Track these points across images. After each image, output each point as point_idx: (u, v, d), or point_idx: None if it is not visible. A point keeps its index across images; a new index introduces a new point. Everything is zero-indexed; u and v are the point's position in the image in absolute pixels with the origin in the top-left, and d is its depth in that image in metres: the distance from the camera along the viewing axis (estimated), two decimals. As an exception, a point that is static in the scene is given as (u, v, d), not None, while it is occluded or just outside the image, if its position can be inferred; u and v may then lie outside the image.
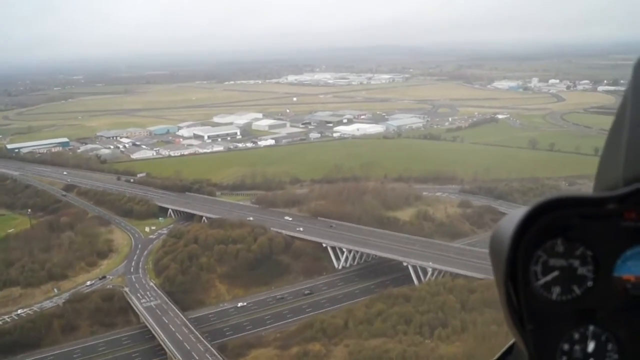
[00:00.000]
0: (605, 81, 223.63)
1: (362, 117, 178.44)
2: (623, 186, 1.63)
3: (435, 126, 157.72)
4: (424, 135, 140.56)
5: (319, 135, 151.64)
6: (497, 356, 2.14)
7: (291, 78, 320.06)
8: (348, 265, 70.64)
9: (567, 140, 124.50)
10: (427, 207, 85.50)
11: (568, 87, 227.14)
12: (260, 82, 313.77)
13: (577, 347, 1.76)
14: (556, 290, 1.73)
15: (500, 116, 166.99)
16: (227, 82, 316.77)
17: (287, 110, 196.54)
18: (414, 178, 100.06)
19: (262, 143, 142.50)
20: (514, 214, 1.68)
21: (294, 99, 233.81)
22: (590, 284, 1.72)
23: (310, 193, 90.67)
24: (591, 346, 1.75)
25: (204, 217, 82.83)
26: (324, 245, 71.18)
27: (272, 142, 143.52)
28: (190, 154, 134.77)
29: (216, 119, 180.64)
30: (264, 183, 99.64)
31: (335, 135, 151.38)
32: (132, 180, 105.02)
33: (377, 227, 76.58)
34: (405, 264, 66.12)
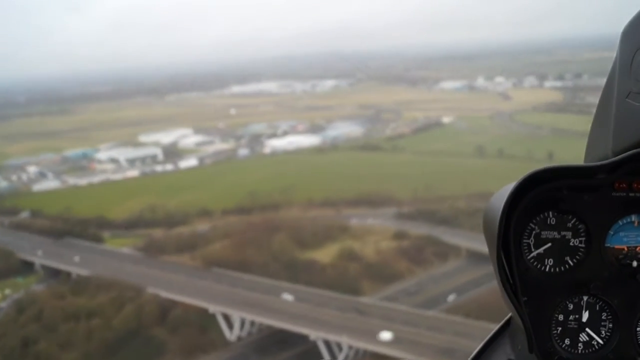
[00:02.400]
0: (551, 77, 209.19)
1: (300, 127, 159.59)
2: (612, 157, 1.59)
3: (375, 134, 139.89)
4: (362, 146, 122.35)
5: (248, 151, 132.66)
6: (494, 331, 2.15)
7: (235, 89, 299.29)
8: (245, 334, 51.65)
9: (518, 144, 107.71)
10: (355, 241, 67.01)
11: (514, 85, 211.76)
12: (203, 94, 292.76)
13: (571, 318, 1.78)
14: (549, 262, 1.74)
15: (445, 119, 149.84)
16: (168, 96, 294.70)
17: (220, 125, 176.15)
18: (343, 201, 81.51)
19: (183, 164, 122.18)
20: (506, 188, 1.65)
21: (232, 111, 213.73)
22: (582, 255, 1.73)
23: (212, 231, 71.02)
24: (585, 316, 1.77)
25: (73, 274, 63.03)
26: (211, 311, 52.12)
27: (195, 162, 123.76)
28: (100, 182, 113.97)
29: (142, 138, 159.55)
30: (166, 219, 80.00)
31: (266, 150, 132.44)
32: (5, 223, 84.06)
33: (287, 277, 57.85)
34: (312, 337, 47.59)
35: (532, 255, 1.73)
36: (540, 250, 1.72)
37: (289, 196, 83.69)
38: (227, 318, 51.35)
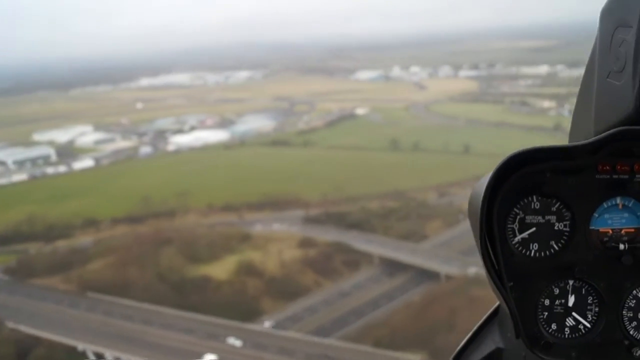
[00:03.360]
0: (465, 66, 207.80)
1: (209, 122, 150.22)
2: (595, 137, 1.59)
3: (288, 128, 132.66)
4: (272, 141, 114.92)
5: (150, 149, 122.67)
6: (483, 318, 2.14)
7: (144, 81, 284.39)
8: (122, 375, 43.67)
9: (433, 135, 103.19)
10: (256, 252, 59.64)
11: (430, 75, 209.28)
12: (110, 88, 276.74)
13: (557, 302, 1.77)
14: (534, 246, 1.71)
15: (359, 111, 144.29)
16: (73, 90, 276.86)
17: (123, 120, 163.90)
18: (246, 205, 73.93)
19: (77, 165, 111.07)
20: (490, 174, 1.64)
21: (139, 105, 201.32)
22: (567, 239, 1.72)
23: (94, 246, 61.84)
24: (571, 300, 1.76)
25: None
26: (80, 349, 43.62)
27: (91, 162, 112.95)
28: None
29: (36, 137, 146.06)
30: (45, 231, 70.07)
31: (170, 148, 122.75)
32: None
33: (174, 300, 50.09)
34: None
35: (516, 240, 1.70)
36: (525, 234, 1.69)
37: (187, 201, 75.49)
38: (99, 357, 43.01)
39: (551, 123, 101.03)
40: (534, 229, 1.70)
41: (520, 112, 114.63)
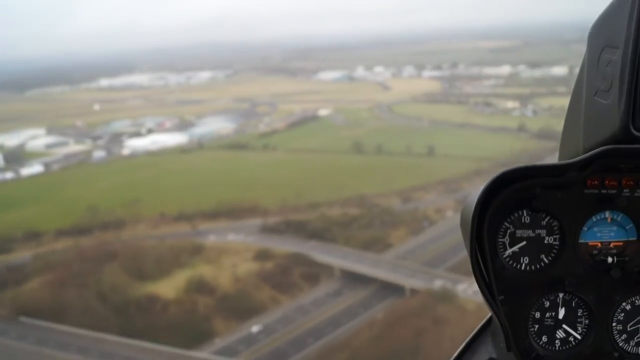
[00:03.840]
0: (428, 67, 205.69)
1: (167, 124, 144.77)
2: (583, 154, 1.62)
3: (248, 130, 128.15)
4: (231, 145, 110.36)
5: (104, 153, 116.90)
6: (475, 330, 2.15)
7: (104, 82, 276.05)
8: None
9: (397, 137, 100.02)
10: (209, 266, 55.44)
11: (393, 75, 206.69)
12: (68, 88, 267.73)
13: (548, 315, 1.79)
14: (524, 260, 1.73)
15: (322, 112, 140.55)
16: (30, 92, 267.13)
17: (78, 123, 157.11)
18: (201, 214, 69.49)
19: (25, 171, 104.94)
20: (481, 188, 1.66)
21: (96, 106, 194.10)
22: (557, 252, 1.73)
23: (33, 262, 56.56)
24: (562, 313, 1.78)
25: None
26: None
27: (41, 168, 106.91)
28: None
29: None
30: (-18, 244, 64.79)
31: (125, 152, 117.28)
32: None
33: (116, 324, 45.68)
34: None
35: (507, 254, 1.72)
36: (515, 248, 1.72)
37: (139, 209, 70.83)
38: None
39: (515, 124, 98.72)
40: (524, 242, 1.71)
41: (484, 112, 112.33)
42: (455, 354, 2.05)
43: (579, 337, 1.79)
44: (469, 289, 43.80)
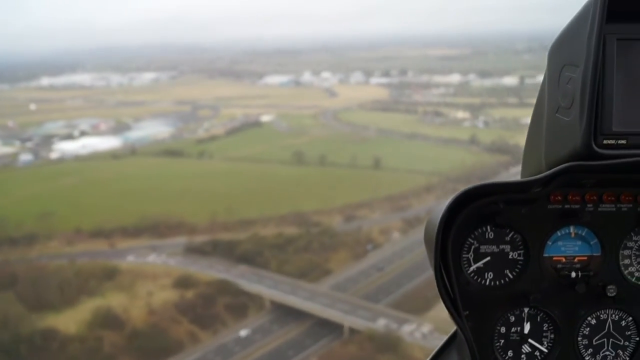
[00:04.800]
0: (377, 73, 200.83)
1: (102, 127, 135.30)
2: (546, 170, 1.61)
3: (187, 135, 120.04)
4: (165, 151, 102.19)
5: (31, 157, 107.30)
6: (441, 344, 2.12)
7: (45, 81, 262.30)
8: None
9: (342, 146, 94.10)
10: (121, 293, 48.00)
11: (341, 81, 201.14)
12: (6, 87, 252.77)
13: (513, 330, 1.78)
14: (489, 275, 1.73)
15: (265, 118, 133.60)
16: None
17: (10, 123, 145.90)
18: (122, 229, 61.77)
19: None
20: (444, 204, 1.65)
21: (32, 106, 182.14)
22: (521, 267, 1.73)
23: None
24: (527, 328, 1.77)
25: None
26: None
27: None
28: None
29: None
30: None
31: (53, 155, 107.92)
32: None
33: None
34: None
35: (472, 269, 1.72)
36: (480, 264, 1.71)
37: (53, 222, 62.60)
38: None
39: (466, 135, 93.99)
40: (488, 258, 1.71)
41: (433, 122, 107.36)
42: None
43: (545, 351, 1.78)
44: (416, 332, 37.78)
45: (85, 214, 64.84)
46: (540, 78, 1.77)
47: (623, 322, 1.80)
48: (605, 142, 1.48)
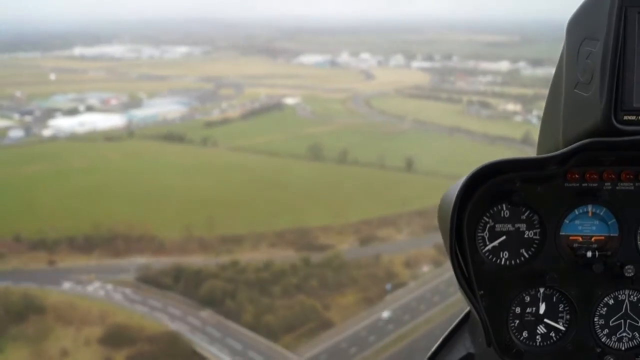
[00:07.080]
0: (419, 57, 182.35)
1: (112, 102, 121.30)
2: (563, 148, 1.58)
3: (198, 116, 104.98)
4: (166, 135, 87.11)
5: (22, 133, 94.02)
6: (453, 325, 2.07)
7: (77, 51, 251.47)
8: None
9: (369, 140, 77.96)
10: (27, 347, 33.39)
11: (380, 63, 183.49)
12: (38, 55, 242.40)
13: (528, 310, 1.74)
14: (504, 254, 1.69)
15: (289, 100, 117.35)
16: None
17: (17, 94, 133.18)
18: (69, 241, 46.89)
19: None
20: (459, 182, 1.61)
21: (52, 76, 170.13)
22: (537, 246, 1.69)
23: None
24: (542, 308, 1.73)
25: None
26: None
27: None
28: None
29: None
30: None
31: (46, 132, 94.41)
32: None
33: None
34: None
35: (487, 248, 1.67)
36: (495, 243, 1.66)
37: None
38: None
39: (518, 133, 76.94)
40: (504, 237, 1.67)
41: (479, 115, 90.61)
42: (433, 350, 1.98)
43: (561, 331, 1.74)
44: None
45: (34, 215, 50.61)
46: None
47: None
48: (625, 118, 1.44)
